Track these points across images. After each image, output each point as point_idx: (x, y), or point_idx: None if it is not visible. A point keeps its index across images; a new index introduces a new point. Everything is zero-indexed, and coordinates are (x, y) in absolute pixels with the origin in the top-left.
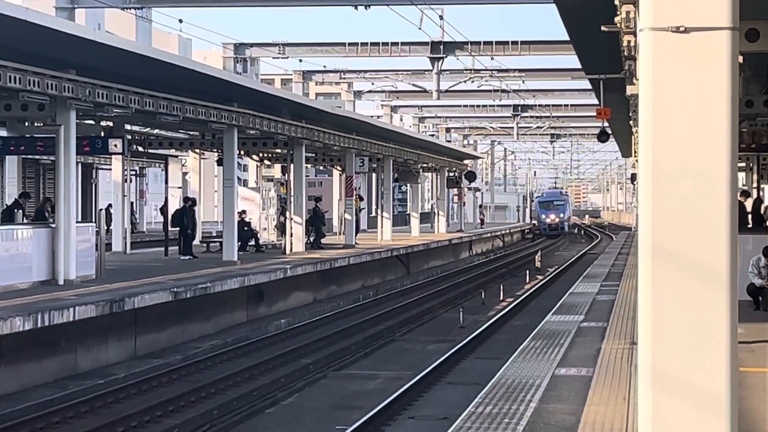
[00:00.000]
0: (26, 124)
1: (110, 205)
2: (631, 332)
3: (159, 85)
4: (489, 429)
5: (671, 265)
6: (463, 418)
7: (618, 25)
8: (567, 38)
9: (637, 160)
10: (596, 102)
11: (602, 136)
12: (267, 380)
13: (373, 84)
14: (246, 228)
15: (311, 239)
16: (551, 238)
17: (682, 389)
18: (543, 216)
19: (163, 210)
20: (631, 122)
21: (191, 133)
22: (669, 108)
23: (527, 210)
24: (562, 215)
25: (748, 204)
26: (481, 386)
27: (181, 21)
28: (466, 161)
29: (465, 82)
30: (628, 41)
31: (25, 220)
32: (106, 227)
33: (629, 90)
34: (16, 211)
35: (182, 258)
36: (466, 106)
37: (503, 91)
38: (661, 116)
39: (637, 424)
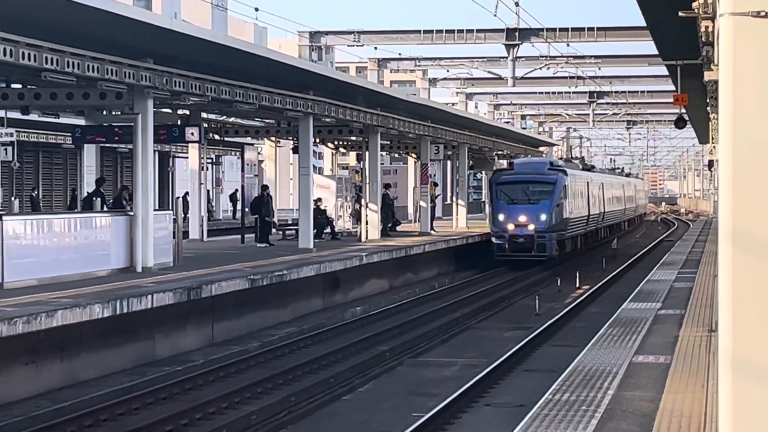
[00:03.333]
0: (104, 112)
1: (187, 193)
2: (708, 320)
3: (235, 73)
4: (566, 416)
5: (752, 251)
6: (540, 405)
7: (696, 10)
8: (644, 24)
9: (714, 147)
10: (673, 88)
11: (679, 123)
12: (344, 367)
13: (448, 71)
14: (321, 216)
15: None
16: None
17: (763, 376)
18: (502, 216)
19: (233, 198)
20: (708, 108)
21: (267, 121)
22: (750, 94)
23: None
24: (545, 216)
25: None
26: (558, 374)
27: (257, 9)
28: (541, 148)
29: (540, 68)
30: (706, 27)
31: (104, 208)
32: (183, 215)
33: (707, 76)
34: (95, 199)
35: (259, 245)
36: (541, 92)
37: (579, 77)
38: (741, 102)
39: (716, 412)
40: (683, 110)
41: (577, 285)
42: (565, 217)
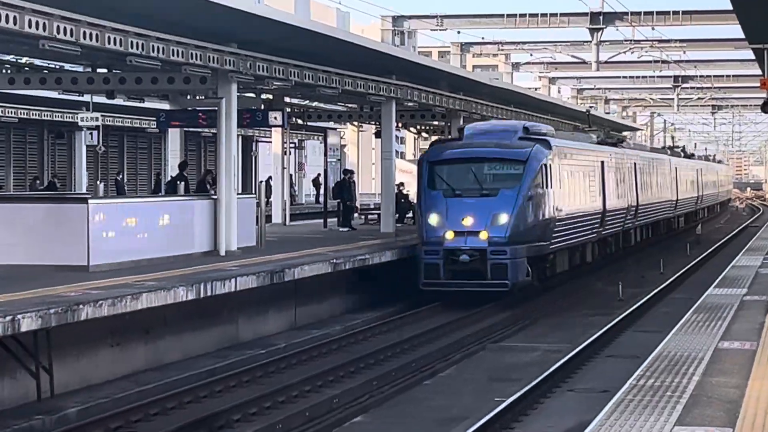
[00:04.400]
0: (188, 97)
1: (270, 178)
2: None
3: (318, 57)
4: (651, 402)
5: None
6: (624, 390)
7: None
8: (730, 7)
9: None
10: (759, 72)
11: (766, 107)
12: (425, 352)
13: (531, 55)
14: (403, 200)
15: None
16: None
17: None
18: (435, 218)
19: (316, 182)
20: None
21: (349, 105)
22: None
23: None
24: (506, 218)
25: None
26: (642, 359)
27: None
28: (624, 133)
29: (624, 52)
30: None
31: (188, 191)
32: (266, 199)
33: None
34: (179, 183)
35: (341, 230)
36: (625, 77)
37: (664, 61)
38: None
39: None
40: None
41: (661, 270)
42: (546, 219)
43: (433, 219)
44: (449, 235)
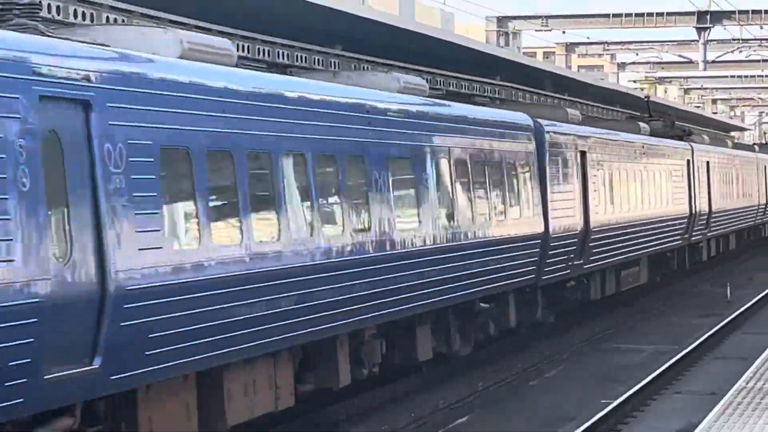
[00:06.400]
0: None
1: None
2: None
3: (423, 58)
4: (761, 404)
5: None
6: (732, 393)
7: None
8: None
9: None
10: None
11: None
12: (531, 353)
13: (637, 55)
14: None
15: None
16: None
17: None
18: None
19: None
20: None
21: None
22: None
23: None
24: None
25: None
26: (750, 361)
27: None
28: (732, 133)
29: (732, 52)
30: None
31: None
32: None
33: None
34: None
35: None
36: (733, 76)
37: None
38: None
39: None
40: None
41: None
42: None
43: None
44: None
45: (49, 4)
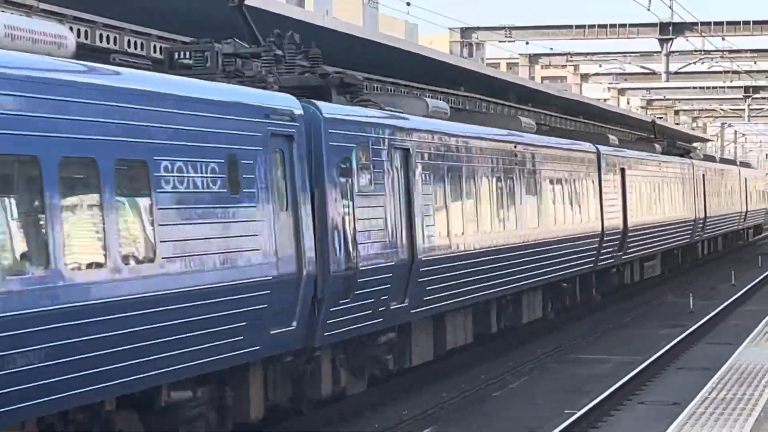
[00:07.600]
0: None
1: None
2: None
3: (386, 68)
4: (723, 414)
5: None
6: (695, 403)
7: None
8: None
9: None
10: None
11: None
12: (495, 364)
13: (600, 66)
14: None
15: None
16: None
17: None
18: None
19: None
20: None
21: None
22: None
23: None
24: None
25: None
26: (713, 371)
27: (408, 4)
28: (695, 144)
29: (695, 63)
30: None
31: None
32: None
33: None
34: None
35: None
36: (695, 87)
37: (734, 72)
38: None
39: None
40: None
41: (732, 282)
42: None
43: None
44: None
45: None
